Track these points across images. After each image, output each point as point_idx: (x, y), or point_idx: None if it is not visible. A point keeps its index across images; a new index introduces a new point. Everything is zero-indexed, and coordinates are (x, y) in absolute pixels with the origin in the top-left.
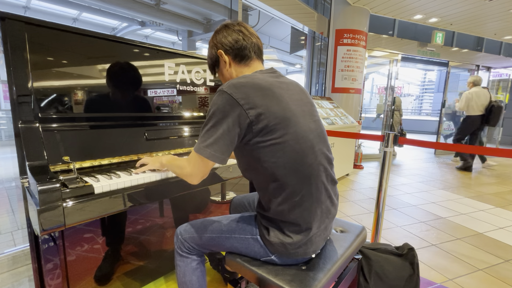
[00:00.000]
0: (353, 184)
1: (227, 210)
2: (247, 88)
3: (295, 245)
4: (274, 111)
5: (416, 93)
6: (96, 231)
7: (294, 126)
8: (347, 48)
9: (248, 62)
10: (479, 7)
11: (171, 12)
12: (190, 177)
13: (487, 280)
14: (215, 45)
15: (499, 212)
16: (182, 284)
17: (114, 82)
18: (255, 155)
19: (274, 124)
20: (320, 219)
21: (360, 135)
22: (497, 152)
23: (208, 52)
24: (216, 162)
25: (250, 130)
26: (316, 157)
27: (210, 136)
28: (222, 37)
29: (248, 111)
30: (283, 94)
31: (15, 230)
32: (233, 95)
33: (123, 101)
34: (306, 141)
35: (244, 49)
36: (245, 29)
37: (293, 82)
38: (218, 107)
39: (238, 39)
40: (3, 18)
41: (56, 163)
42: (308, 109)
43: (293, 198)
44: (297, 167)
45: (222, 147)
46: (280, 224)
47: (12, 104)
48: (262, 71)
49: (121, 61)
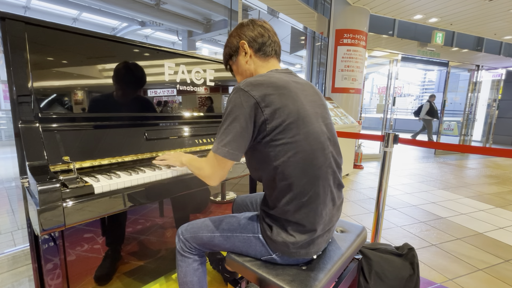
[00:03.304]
0: (353, 184)
1: (227, 210)
2: (264, 87)
3: (298, 244)
4: (289, 110)
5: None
6: (96, 231)
7: (307, 126)
8: (347, 48)
9: (267, 58)
10: (479, 7)
11: (171, 12)
12: (208, 178)
13: (487, 280)
14: (239, 35)
15: (499, 212)
16: (183, 284)
17: (114, 82)
18: (266, 153)
19: (288, 123)
20: (324, 221)
21: (360, 135)
22: (497, 152)
23: (228, 41)
24: (233, 160)
25: (264, 128)
26: (326, 159)
27: (228, 134)
28: (248, 30)
29: (264, 109)
30: (298, 94)
31: (15, 230)
32: (250, 93)
33: (123, 101)
34: (317, 142)
35: (267, 45)
36: (270, 28)
37: (308, 83)
38: (235, 104)
39: (263, 34)
40: (3, 18)
41: (56, 163)
42: (321, 111)
43: (300, 198)
44: (307, 168)
45: (239, 145)
46: (284, 223)
47: (12, 104)
48: (278, 70)
49: (121, 61)
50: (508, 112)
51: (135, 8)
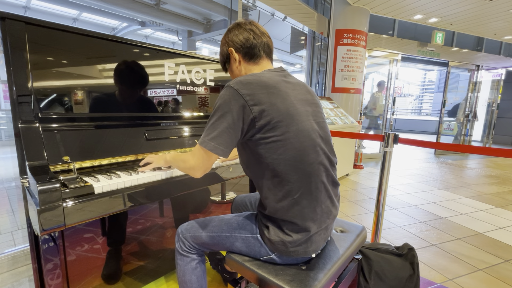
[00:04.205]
0: (353, 184)
1: (227, 210)
2: (253, 85)
3: (295, 243)
4: (278, 109)
5: (416, 93)
6: (96, 231)
7: (297, 124)
8: (347, 48)
9: (257, 61)
10: (479, 7)
11: (171, 12)
12: (193, 170)
13: (487, 280)
14: (227, 42)
15: (499, 212)
16: (182, 283)
17: (114, 82)
18: (257, 151)
19: (276, 121)
20: (320, 218)
21: (360, 135)
22: (497, 152)
23: (220, 49)
24: (219, 155)
25: (253, 126)
26: (317, 156)
27: (215, 129)
28: (234, 36)
29: (252, 107)
30: (289, 92)
31: (15, 230)
32: (239, 91)
33: (123, 101)
34: (308, 139)
35: (254, 48)
36: (256, 28)
37: (300, 83)
38: (224, 100)
39: (248, 38)
40: (3, 18)
41: (56, 163)
42: (313, 110)
43: (292, 195)
44: (297, 165)
45: (225, 140)
46: (280, 222)
47: (12, 104)
48: (271, 70)
49: (121, 61)
50: (508, 112)
51: (135, 8)
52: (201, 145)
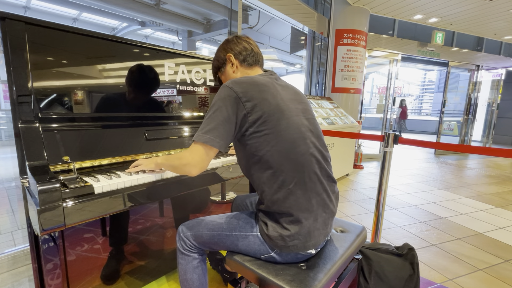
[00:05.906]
0: (353, 184)
1: (227, 210)
2: (246, 84)
3: (293, 237)
4: (269, 103)
5: (416, 93)
6: (96, 231)
7: (287, 118)
8: (347, 48)
9: (251, 67)
10: (479, 7)
11: (171, 12)
12: (189, 166)
13: (487, 280)
14: (225, 49)
15: (499, 212)
16: (183, 281)
17: (114, 82)
18: (251, 145)
19: (267, 115)
20: (316, 210)
21: (360, 135)
22: (497, 152)
23: (216, 55)
24: (214, 147)
25: (246, 121)
26: (308, 148)
27: (210, 123)
28: (233, 44)
29: (245, 103)
30: (279, 90)
31: (15, 230)
32: (233, 89)
33: (123, 101)
34: (298, 132)
35: (250, 56)
36: (252, 42)
37: (290, 85)
38: (219, 97)
39: (246, 47)
40: (3, 18)
41: (56, 163)
42: (302, 107)
43: (287, 185)
44: (289, 155)
45: (221, 133)
46: (277, 216)
47: (12, 104)
48: (263, 74)
49: (121, 61)
50: (508, 112)
51: (135, 8)
52: (197, 139)
